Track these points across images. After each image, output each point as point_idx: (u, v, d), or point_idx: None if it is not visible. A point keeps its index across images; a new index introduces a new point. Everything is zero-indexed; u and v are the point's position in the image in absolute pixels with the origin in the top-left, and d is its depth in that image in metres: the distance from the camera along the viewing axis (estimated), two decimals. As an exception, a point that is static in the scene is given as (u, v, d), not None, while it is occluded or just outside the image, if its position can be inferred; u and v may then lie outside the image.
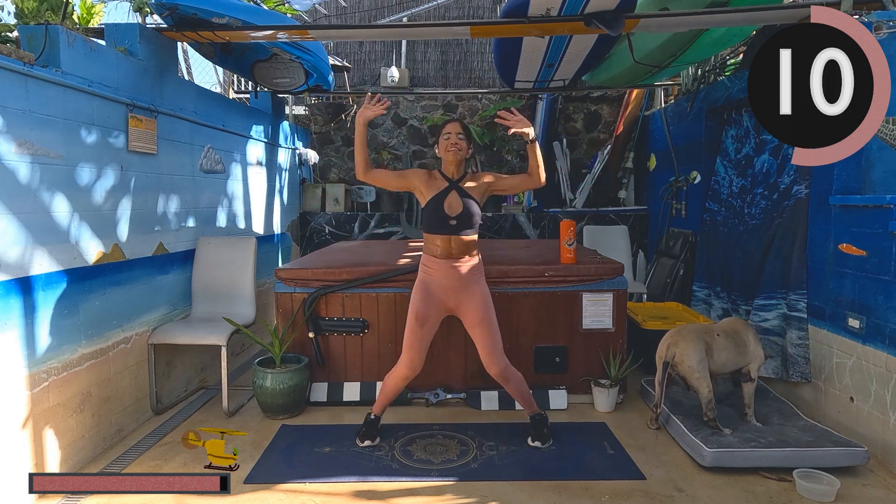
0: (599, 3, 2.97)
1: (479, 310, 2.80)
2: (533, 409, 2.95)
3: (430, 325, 2.82)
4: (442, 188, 2.77)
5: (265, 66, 4.51)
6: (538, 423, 2.92)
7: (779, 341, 3.37)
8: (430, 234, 2.79)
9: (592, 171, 6.25)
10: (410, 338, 2.82)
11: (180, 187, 3.62)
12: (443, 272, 2.77)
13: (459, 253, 2.77)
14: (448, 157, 2.79)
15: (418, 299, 2.82)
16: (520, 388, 2.91)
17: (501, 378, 2.86)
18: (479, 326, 2.81)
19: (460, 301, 2.81)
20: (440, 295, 2.81)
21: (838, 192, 2.97)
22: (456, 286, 2.78)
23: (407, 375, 2.85)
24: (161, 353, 3.31)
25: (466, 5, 7.26)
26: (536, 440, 2.88)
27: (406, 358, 2.83)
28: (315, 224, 6.19)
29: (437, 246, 2.77)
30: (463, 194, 2.76)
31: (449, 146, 2.78)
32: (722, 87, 4.43)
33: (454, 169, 2.81)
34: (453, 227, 2.73)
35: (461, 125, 2.83)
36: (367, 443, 2.87)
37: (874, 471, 2.59)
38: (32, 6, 2.99)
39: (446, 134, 2.80)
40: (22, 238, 2.35)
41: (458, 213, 2.72)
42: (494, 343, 2.82)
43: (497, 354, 2.83)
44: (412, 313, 2.82)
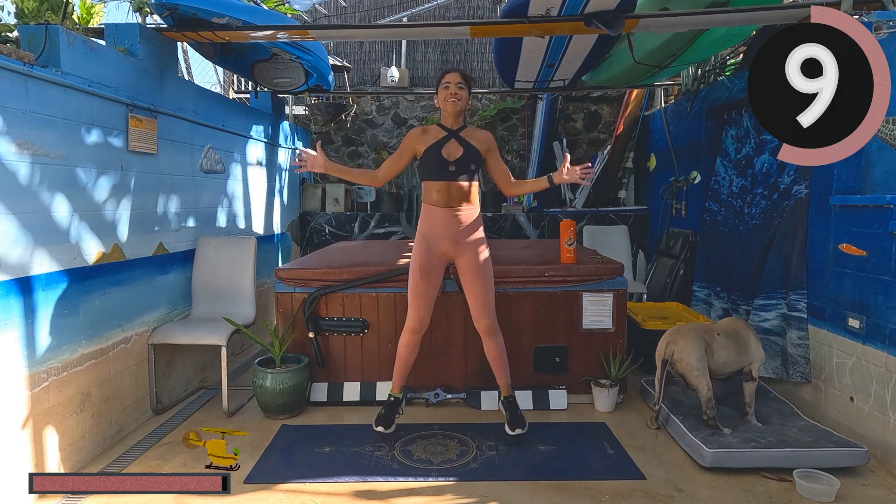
0: (599, 3, 2.97)
1: (476, 260, 2.79)
2: (507, 384, 2.93)
3: (433, 276, 2.81)
4: (441, 136, 2.76)
5: (265, 66, 4.51)
6: (512, 406, 2.90)
7: (779, 341, 3.37)
8: (428, 182, 2.78)
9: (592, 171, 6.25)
10: (415, 290, 2.81)
11: (180, 187, 3.62)
12: (442, 220, 2.75)
13: (459, 200, 2.75)
14: (447, 108, 2.77)
15: (419, 252, 2.81)
16: (502, 353, 2.91)
17: (490, 331, 2.85)
18: (475, 277, 2.80)
19: (460, 250, 2.80)
20: (440, 244, 2.79)
21: (838, 192, 2.97)
22: (455, 234, 2.77)
23: (416, 329, 2.84)
24: (161, 353, 3.31)
25: (466, 5, 7.25)
26: (517, 427, 2.83)
27: (412, 312, 2.82)
28: (315, 224, 6.20)
29: (437, 192, 2.75)
30: (462, 142, 2.75)
31: (448, 96, 2.75)
32: (722, 87, 4.43)
33: (453, 120, 2.80)
34: (452, 173, 2.72)
35: (461, 74, 2.80)
36: (380, 428, 2.82)
37: (874, 471, 2.59)
38: (32, 6, 2.99)
39: (445, 83, 2.77)
40: (22, 238, 2.35)
41: (457, 158, 2.72)
42: (487, 296, 2.83)
43: (489, 308, 2.83)
44: (414, 266, 2.81)
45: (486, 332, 2.86)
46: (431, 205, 2.79)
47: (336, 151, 6.92)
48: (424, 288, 2.79)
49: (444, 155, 2.72)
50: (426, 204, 2.82)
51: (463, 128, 2.83)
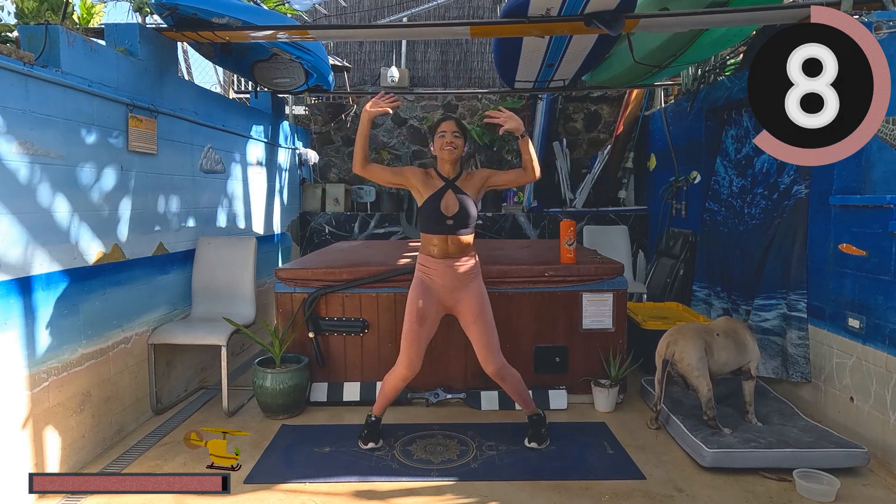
0: (599, 3, 2.97)
1: (474, 307, 2.80)
2: (531, 408, 2.95)
3: (428, 324, 2.81)
4: (438, 187, 2.76)
5: (265, 66, 4.51)
6: (536, 423, 2.92)
7: (779, 341, 3.37)
8: (427, 234, 2.79)
9: (592, 171, 6.25)
10: (409, 337, 2.80)
11: (180, 187, 3.62)
12: (440, 272, 2.77)
13: (457, 253, 2.76)
14: (443, 156, 2.78)
15: (416, 299, 2.81)
16: (517, 387, 2.90)
17: (498, 377, 2.85)
18: (475, 324, 2.80)
19: (458, 300, 2.81)
20: (438, 294, 2.80)
21: (838, 192, 2.97)
22: (454, 285, 2.78)
23: (406, 376, 2.84)
24: (161, 353, 3.31)
25: (466, 5, 7.25)
26: (533, 441, 2.86)
27: (404, 357, 2.82)
28: (315, 224, 6.19)
29: (435, 246, 2.76)
30: (459, 193, 2.75)
31: (444, 145, 2.75)
32: (722, 87, 4.43)
33: (450, 168, 2.80)
34: (450, 227, 2.72)
35: (456, 123, 2.80)
36: (370, 444, 2.85)
37: (874, 471, 2.59)
38: (32, 6, 2.99)
39: (441, 133, 2.77)
40: (22, 238, 2.35)
41: (455, 213, 2.72)
42: (490, 341, 2.82)
43: (493, 352, 2.82)
44: (410, 313, 2.81)
45: (496, 376, 2.85)
46: (429, 256, 2.79)
47: (336, 151, 6.92)
48: (418, 334, 2.79)
49: (442, 210, 2.72)
50: (423, 254, 2.83)
51: (459, 175, 2.82)
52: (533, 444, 2.86)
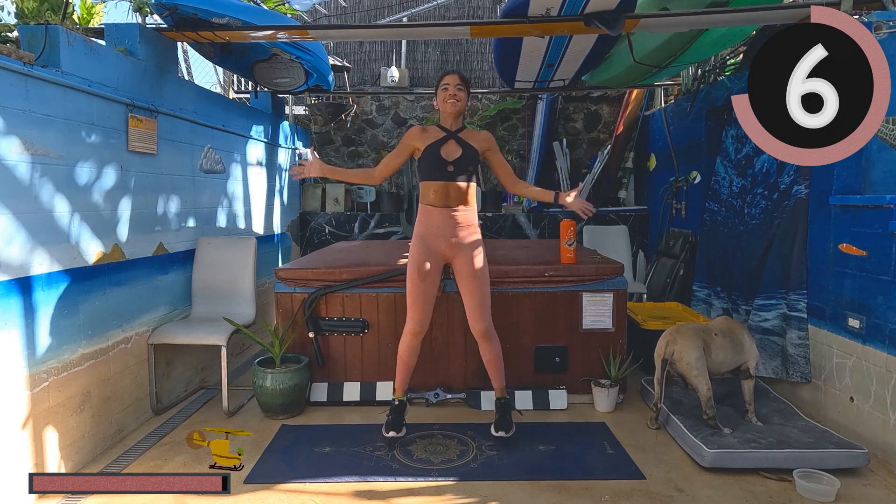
0: (599, 3, 2.97)
1: (472, 262, 2.80)
2: (502, 388, 2.93)
3: (431, 277, 2.81)
4: (439, 137, 2.78)
5: (265, 66, 4.51)
6: (503, 408, 2.89)
7: (779, 341, 3.37)
8: (426, 182, 2.79)
9: (592, 171, 6.25)
10: (413, 292, 2.81)
11: (180, 187, 3.62)
12: (439, 220, 2.76)
13: (456, 200, 2.77)
14: (447, 109, 2.79)
15: (417, 253, 2.81)
16: (496, 353, 2.90)
17: (485, 336, 2.85)
18: (470, 279, 2.80)
19: (456, 251, 2.80)
20: (437, 244, 2.80)
21: (838, 192, 2.97)
22: (452, 234, 2.78)
23: (416, 331, 2.84)
24: (161, 353, 3.31)
25: (466, 5, 7.25)
26: (500, 430, 2.81)
27: (412, 314, 2.82)
28: (315, 224, 6.19)
29: (435, 192, 2.76)
30: (461, 143, 2.77)
31: (447, 97, 2.77)
32: (722, 87, 4.43)
33: (452, 121, 2.82)
34: (450, 173, 2.73)
35: (460, 76, 2.82)
36: (392, 433, 2.81)
37: (874, 471, 2.59)
38: (32, 6, 2.99)
39: (444, 85, 2.79)
40: (22, 238, 2.35)
41: (456, 158, 2.73)
42: (483, 299, 2.82)
43: (485, 311, 2.83)
44: (412, 268, 2.81)
45: (482, 335, 2.86)
46: (428, 205, 2.79)
47: (336, 151, 6.92)
48: (423, 289, 2.79)
49: (442, 155, 2.73)
50: (423, 204, 2.83)
51: (462, 129, 2.84)
52: (500, 432, 2.81)
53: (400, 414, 2.89)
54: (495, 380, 2.95)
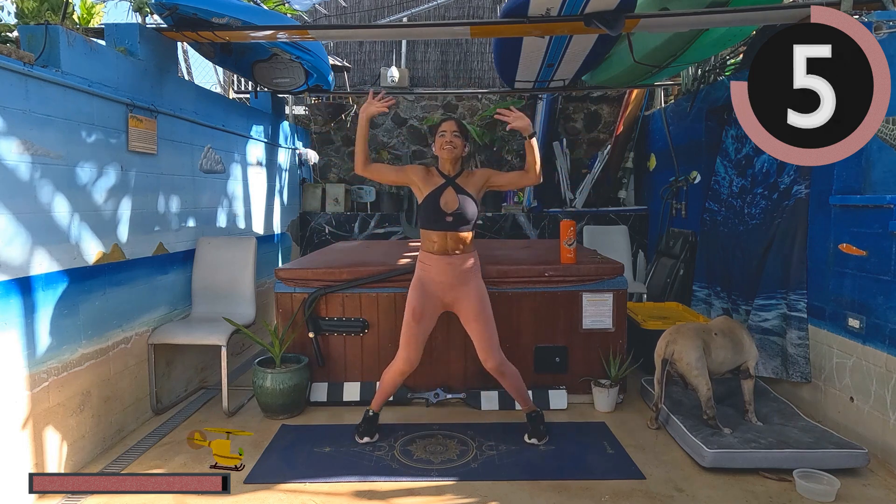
0: (599, 3, 2.97)
1: (475, 304, 2.82)
2: (529, 405, 2.98)
3: (426, 321, 2.85)
4: (438, 185, 2.80)
5: (265, 66, 4.51)
6: (535, 420, 2.94)
7: (779, 341, 3.37)
8: (426, 231, 2.82)
9: (592, 171, 6.25)
10: (407, 334, 2.85)
11: (180, 187, 3.62)
12: (439, 268, 2.79)
13: (456, 249, 2.79)
14: (444, 155, 2.82)
15: (415, 296, 2.85)
16: (516, 383, 2.93)
17: (497, 373, 2.88)
18: (475, 321, 2.83)
19: (456, 297, 2.83)
20: (436, 291, 2.83)
21: (838, 192, 2.97)
22: (452, 282, 2.80)
23: (404, 371, 2.88)
24: (161, 353, 3.31)
25: (466, 5, 7.25)
26: (533, 437, 2.90)
27: (403, 354, 2.86)
28: (315, 224, 6.19)
29: (434, 242, 2.79)
30: (459, 191, 2.79)
31: (444, 144, 2.80)
32: (722, 87, 4.43)
33: (450, 167, 2.84)
34: (450, 224, 2.75)
35: (456, 123, 2.85)
36: (365, 439, 2.90)
37: (874, 471, 2.59)
38: (32, 6, 2.99)
39: (441, 132, 2.83)
40: (22, 238, 2.35)
41: (455, 210, 2.75)
42: (490, 337, 2.85)
43: (493, 349, 2.86)
44: (409, 310, 2.85)
45: (495, 371, 2.89)
46: (429, 252, 2.82)
47: (336, 151, 6.92)
48: (416, 332, 2.84)
49: (441, 206, 2.75)
50: (424, 251, 2.86)
51: (460, 174, 2.85)
52: (533, 440, 2.90)
53: (372, 424, 2.96)
54: (521, 403, 3.00)
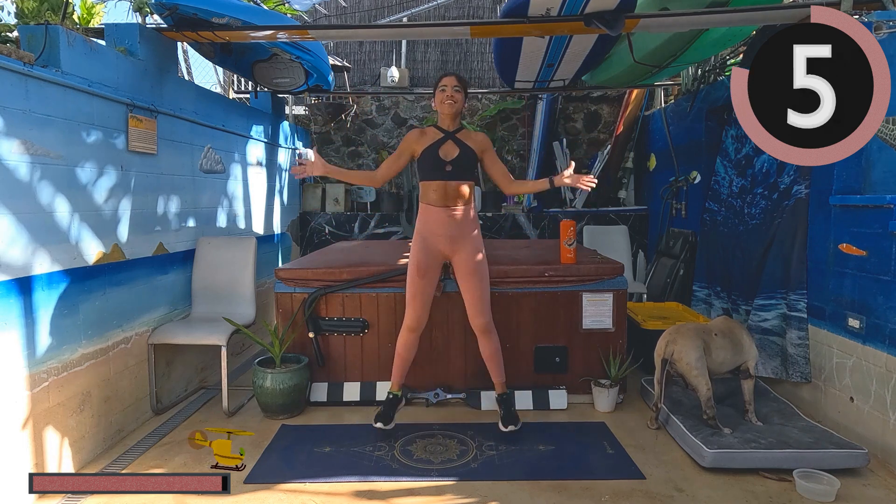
0: (599, 3, 2.97)
1: (472, 259, 2.85)
2: (502, 383, 2.99)
3: (430, 275, 2.87)
4: (438, 137, 2.83)
5: (265, 66, 4.51)
6: (507, 402, 2.96)
7: (779, 341, 3.37)
8: (425, 182, 2.85)
9: (592, 171, 6.25)
10: (412, 289, 2.87)
11: (180, 187, 3.62)
12: (438, 219, 2.82)
13: (455, 199, 2.82)
14: (444, 110, 2.84)
15: (417, 251, 2.87)
16: (497, 351, 2.96)
17: (485, 330, 2.91)
18: (470, 276, 2.86)
19: (456, 248, 2.86)
20: (436, 243, 2.85)
21: (838, 192, 2.97)
22: (451, 232, 2.83)
23: (413, 327, 2.90)
24: (161, 353, 3.31)
25: (466, 5, 7.25)
26: (509, 423, 2.87)
27: (410, 311, 2.89)
28: (315, 224, 6.20)
29: (434, 191, 2.82)
30: (459, 144, 2.81)
31: (445, 98, 2.82)
32: (722, 87, 4.43)
33: (450, 122, 2.87)
34: (449, 173, 2.79)
35: (457, 78, 2.88)
36: (379, 425, 2.86)
37: (874, 471, 2.59)
38: (32, 6, 2.99)
39: (442, 87, 2.85)
40: (22, 238, 2.35)
41: (454, 158, 2.78)
42: (483, 295, 2.89)
43: (484, 305, 2.89)
44: (412, 265, 2.88)
45: (482, 330, 2.92)
46: (428, 204, 2.86)
47: (336, 151, 6.92)
48: (422, 287, 2.85)
49: (440, 155, 2.79)
50: (423, 203, 2.89)
51: (459, 129, 2.89)
52: (510, 426, 2.86)
53: (392, 407, 2.94)
54: (495, 375, 2.99)
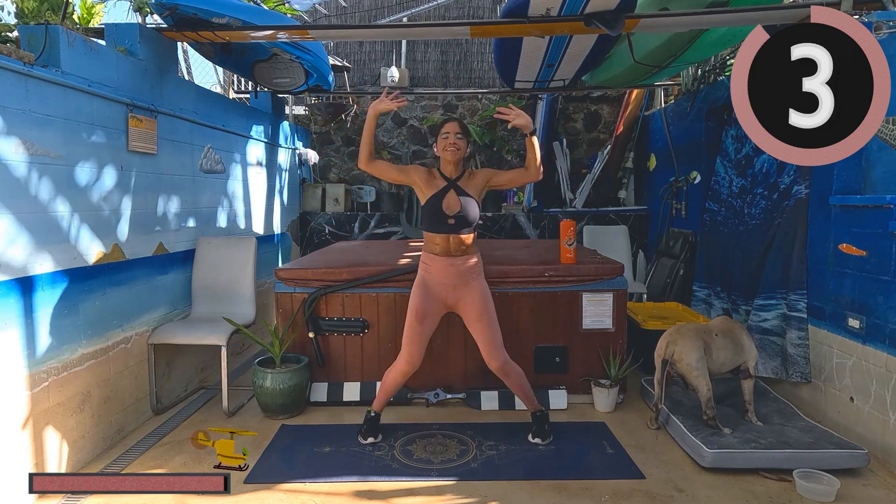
0: (599, 3, 2.97)
1: (477, 305, 2.83)
2: (534, 405, 2.98)
3: (429, 322, 2.85)
4: (441, 187, 2.80)
5: (265, 66, 4.51)
6: (540, 419, 2.95)
7: (779, 341, 3.37)
8: (429, 233, 2.83)
9: (592, 171, 6.25)
10: (409, 334, 2.85)
11: (180, 187, 3.62)
12: (442, 270, 2.80)
13: (458, 251, 2.80)
14: (446, 157, 2.82)
15: (418, 297, 2.85)
16: (520, 382, 2.93)
17: (502, 372, 2.89)
18: (478, 321, 2.84)
19: (459, 298, 2.84)
20: (439, 292, 2.83)
21: (838, 192, 2.97)
22: (455, 283, 2.81)
23: (406, 371, 2.89)
24: (161, 353, 3.31)
25: (466, 5, 7.25)
26: (537, 437, 2.91)
27: (405, 353, 2.87)
28: (315, 224, 6.19)
29: (437, 244, 2.80)
30: (461, 193, 2.79)
31: (447, 146, 2.80)
32: (722, 87, 4.43)
33: (452, 168, 2.84)
34: (452, 226, 2.76)
35: (459, 125, 2.85)
36: (370, 439, 2.90)
37: (874, 471, 2.59)
38: (32, 6, 2.99)
39: (444, 133, 2.83)
40: (22, 238, 2.35)
41: (457, 212, 2.75)
42: (494, 337, 2.86)
43: (497, 349, 2.86)
44: (412, 311, 2.85)
45: (500, 371, 2.90)
46: (432, 253, 2.83)
47: (336, 151, 6.91)
48: (419, 332, 2.84)
49: (443, 209, 2.76)
50: (426, 252, 2.87)
51: (461, 175, 2.85)
52: (537, 439, 2.90)
53: (374, 425, 2.95)
54: (526, 402, 2.99)
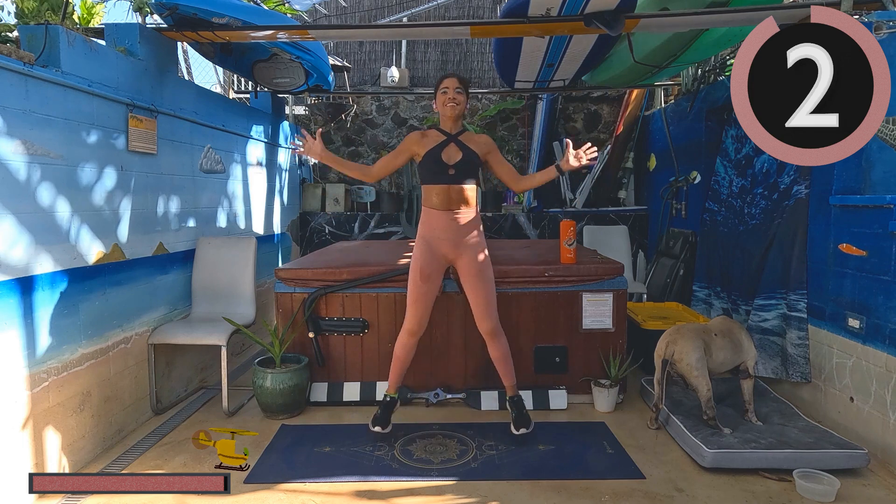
0: (599, 3, 2.97)
1: (476, 262, 2.83)
2: (512, 385, 2.95)
3: (433, 279, 2.84)
4: (440, 141, 2.80)
5: (265, 66, 4.51)
6: (517, 404, 2.91)
7: (779, 341, 3.37)
8: (428, 186, 2.82)
9: (592, 171, 6.25)
10: (414, 293, 2.84)
11: (180, 187, 3.62)
12: (442, 223, 2.79)
13: (458, 203, 2.79)
14: (446, 112, 2.81)
15: (419, 254, 2.84)
16: (505, 352, 2.92)
17: (492, 334, 2.87)
18: (475, 279, 2.83)
19: (459, 252, 2.83)
20: (440, 247, 2.83)
21: (838, 192, 2.97)
22: (455, 237, 2.80)
23: (413, 331, 2.87)
24: (161, 353, 3.31)
25: (466, 5, 7.25)
26: (521, 426, 2.83)
27: (411, 314, 2.86)
28: (315, 224, 6.20)
29: (436, 196, 2.79)
30: (462, 147, 2.78)
31: (447, 101, 2.79)
32: (722, 87, 4.43)
33: (452, 124, 2.84)
34: (452, 177, 2.75)
35: (458, 79, 2.83)
36: (377, 429, 2.84)
37: (874, 471, 2.59)
38: (32, 6, 2.99)
39: (443, 88, 2.81)
40: (22, 238, 2.35)
41: (457, 162, 2.75)
42: (489, 298, 2.85)
43: (490, 309, 2.86)
44: (414, 270, 2.84)
45: (489, 334, 2.88)
46: (431, 208, 2.82)
47: (336, 151, 6.91)
48: (424, 290, 2.82)
49: (443, 159, 2.75)
50: (426, 207, 2.85)
51: (461, 132, 2.86)
52: (522, 429, 2.81)
53: (389, 410, 2.93)
54: (506, 378, 2.96)
